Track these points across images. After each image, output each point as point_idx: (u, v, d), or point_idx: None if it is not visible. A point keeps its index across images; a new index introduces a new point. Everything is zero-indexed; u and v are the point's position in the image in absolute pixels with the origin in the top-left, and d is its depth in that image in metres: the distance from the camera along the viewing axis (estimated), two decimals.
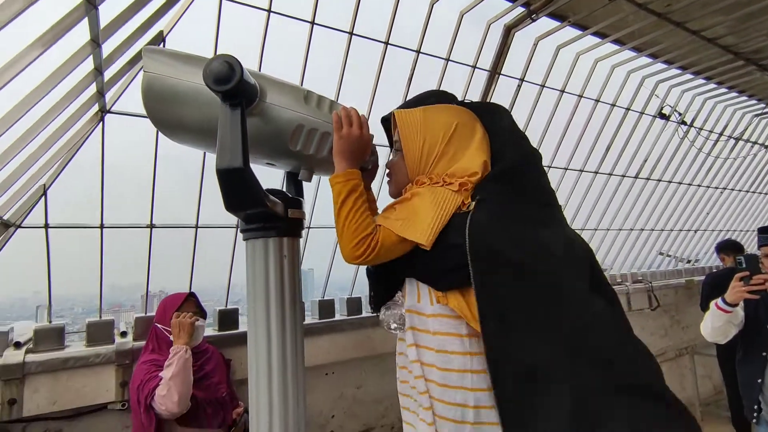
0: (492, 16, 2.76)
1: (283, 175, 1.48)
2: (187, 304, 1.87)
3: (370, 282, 1.33)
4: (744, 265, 2.11)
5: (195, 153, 2.11)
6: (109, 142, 1.99)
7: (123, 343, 1.97)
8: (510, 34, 2.84)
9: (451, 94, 1.37)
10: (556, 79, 3.20)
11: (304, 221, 1.27)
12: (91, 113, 1.88)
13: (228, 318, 2.28)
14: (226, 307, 2.36)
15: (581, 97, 3.37)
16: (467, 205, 1.09)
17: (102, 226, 2.10)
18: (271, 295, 1.12)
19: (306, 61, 2.27)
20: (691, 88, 4.02)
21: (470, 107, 1.29)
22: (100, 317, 2.09)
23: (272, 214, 1.11)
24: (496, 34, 2.88)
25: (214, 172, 0.97)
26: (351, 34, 2.34)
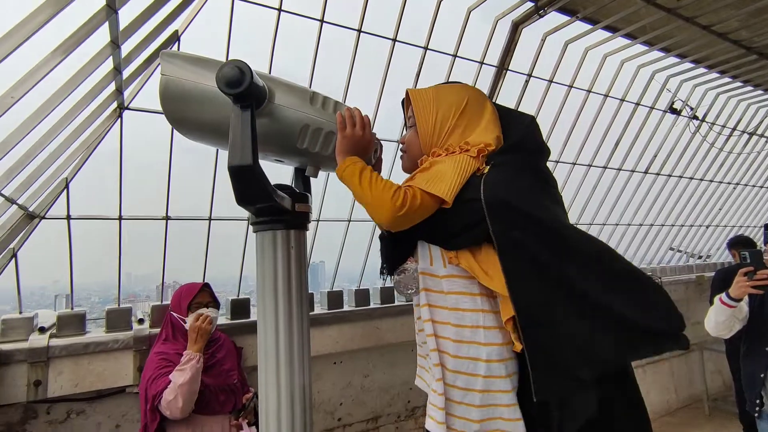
0: (499, 12, 2.77)
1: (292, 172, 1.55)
2: (201, 294, 1.92)
3: (384, 247, 1.37)
4: (748, 261, 2.13)
5: (209, 149, 2.18)
6: (127, 137, 2.08)
7: (140, 329, 2.05)
8: (518, 30, 2.85)
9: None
10: (564, 74, 3.20)
11: (310, 215, 1.33)
12: (110, 110, 1.96)
13: (240, 307, 2.35)
14: (238, 297, 2.43)
15: (590, 92, 3.37)
16: (482, 170, 1.17)
17: (120, 218, 2.18)
18: (279, 283, 1.20)
19: (315, 58, 2.32)
20: (703, 83, 3.98)
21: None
22: (119, 305, 2.17)
23: (280, 208, 1.18)
24: (504, 30, 2.90)
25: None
26: (359, 31, 2.39)
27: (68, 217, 2.08)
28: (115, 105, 1.96)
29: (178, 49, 2.02)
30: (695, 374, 4.38)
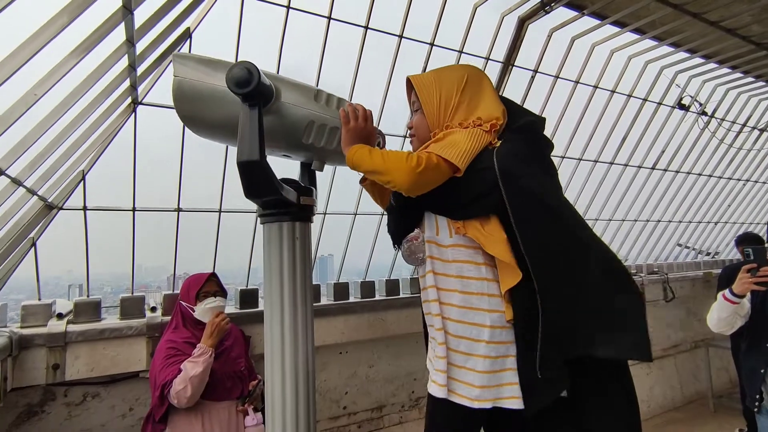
0: (506, 8, 2.78)
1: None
2: (209, 284, 1.97)
3: (392, 219, 1.42)
4: (752, 257, 2.15)
5: (220, 144, 2.24)
6: (141, 132, 2.15)
7: (153, 317, 2.11)
8: (524, 26, 2.87)
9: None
10: (570, 70, 3.21)
11: (314, 207, 1.39)
12: (124, 105, 2.03)
13: (248, 297, 2.41)
14: (247, 287, 2.49)
15: (596, 88, 3.37)
16: (495, 144, 1.24)
17: (134, 209, 2.25)
18: (285, 272, 1.27)
19: (323, 55, 2.36)
20: (712, 78, 3.95)
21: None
22: (132, 293, 2.25)
23: (286, 201, 1.24)
24: (510, 26, 2.90)
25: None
26: (366, 28, 2.42)
27: (84, 208, 2.15)
28: (129, 100, 2.03)
29: (190, 46, 2.08)
30: (701, 371, 4.37)
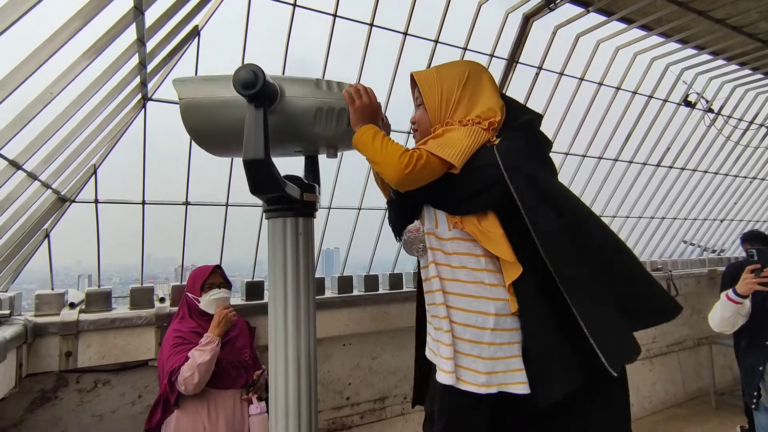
0: (510, 5, 2.79)
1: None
2: (213, 276, 2.03)
3: (391, 212, 1.46)
4: (756, 258, 2.18)
5: None
6: (150, 127, 2.20)
7: (161, 307, 2.17)
8: (528, 23, 2.88)
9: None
10: (575, 67, 3.21)
11: (317, 204, 1.44)
12: (134, 101, 2.08)
13: (254, 289, 2.46)
14: (253, 279, 2.54)
15: (601, 84, 3.37)
16: (493, 141, 1.27)
17: (144, 203, 2.31)
18: (288, 266, 1.32)
19: (328, 53, 2.39)
20: (719, 75, 3.93)
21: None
22: (141, 284, 2.31)
23: (290, 198, 1.29)
24: (515, 23, 2.92)
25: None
26: (371, 25, 2.45)
27: (96, 201, 2.21)
28: (139, 97, 2.08)
29: (198, 43, 2.12)
30: (704, 368, 4.38)
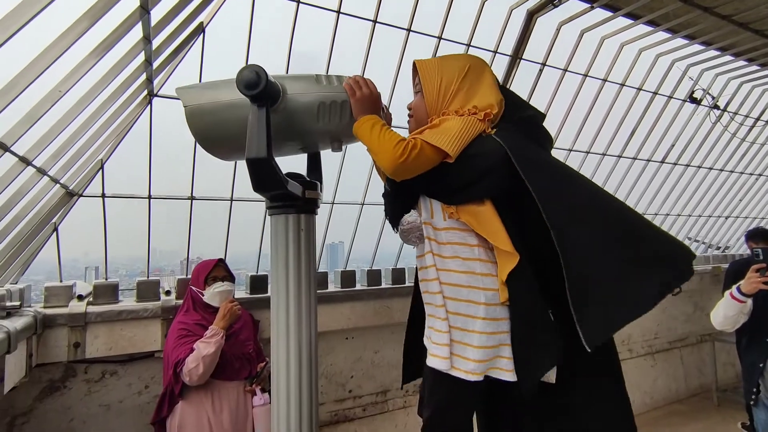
0: (514, 1, 2.79)
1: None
2: (216, 269, 2.06)
3: (388, 201, 1.49)
4: (760, 257, 2.19)
5: None
6: (156, 123, 2.23)
7: (167, 300, 2.21)
8: (532, 20, 2.87)
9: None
10: (580, 64, 3.21)
11: (319, 201, 1.46)
12: (140, 98, 2.11)
13: (258, 282, 2.49)
14: (257, 273, 2.57)
15: (605, 81, 3.36)
16: (489, 132, 1.30)
17: (150, 197, 2.35)
18: (290, 261, 1.35)
19: (332, 49, 2.41)
20: (725, 72, 3.90)
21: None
22: (147, 277, 2.35)
23: (292, 195, 1.31)
24: (518, 19, 2.91)
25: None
26: (375, 21, 2.46)
27: (103, 195, 2.25)
28: (145, 93, 2.11)
29: (203, 40, 2.14)
30: (706, 365, 4.38)
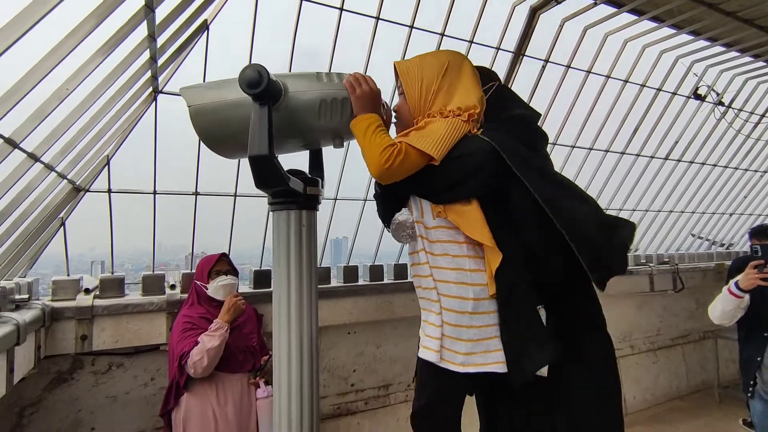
0: None
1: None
2: (220, 263, 2.10)
3: (379, 202, 1.53)
4: (759, 254, 2.20)
5: None
6: (161, 119, 2.26)
7: (172, 294, 2.24)
8: (535, 16, 2.87)
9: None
10: (583, 60, 3.20)
11: (320, 197, 1.49)
12: (146, 94, 2.14)
13: (262, 277, 2.52)
14: (261, 268, 2.60)
15: (608, 77, 3.35)
16: (474, 132, 1.33)
17: (155, 192, 2.38)
18: (292, 256, 1.38)
19: (334, 46, 2.42)
20: (730, 68, 3.87)
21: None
22: (153, 272, 2.38)
23: (293, 191, 1.34)
24: (521, 15, 2.91)
25: None
26: (377, 18, 2.47)
27: (109, 191, 2.29)
28: (150, 90, 2.13)
29: (207, 37, 2.16)
30: (708, 361, 4.39)
